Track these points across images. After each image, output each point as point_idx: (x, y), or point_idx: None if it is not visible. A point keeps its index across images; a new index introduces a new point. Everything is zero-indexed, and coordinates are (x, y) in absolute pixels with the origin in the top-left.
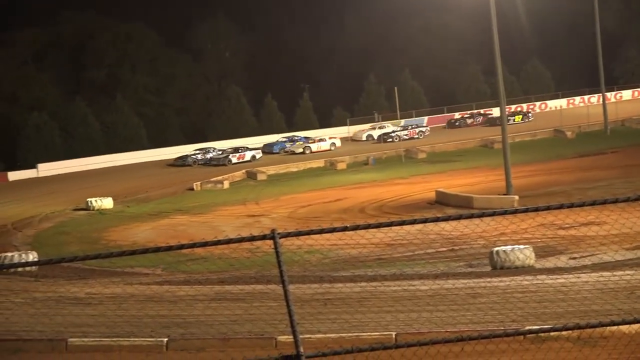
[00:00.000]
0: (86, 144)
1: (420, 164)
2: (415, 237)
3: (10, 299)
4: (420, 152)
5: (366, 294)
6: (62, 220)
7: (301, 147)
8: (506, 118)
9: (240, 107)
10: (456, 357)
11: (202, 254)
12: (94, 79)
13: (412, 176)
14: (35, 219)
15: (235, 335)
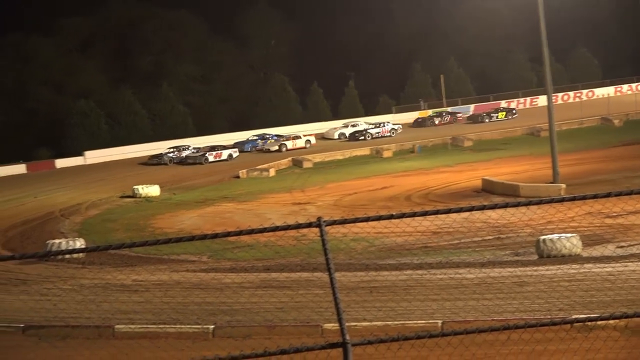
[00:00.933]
0: (132, 132)
1: (466, 152)
2: (462, 225)
3: (58, 286)
4: (467, 140)
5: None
6: (109, 208)
7: (276, 144)
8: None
9: (285, 95)
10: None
11: (248, 241)
12: (140, 67)
13: (459, 164)
14: (83, 206)
15: (281, 322)
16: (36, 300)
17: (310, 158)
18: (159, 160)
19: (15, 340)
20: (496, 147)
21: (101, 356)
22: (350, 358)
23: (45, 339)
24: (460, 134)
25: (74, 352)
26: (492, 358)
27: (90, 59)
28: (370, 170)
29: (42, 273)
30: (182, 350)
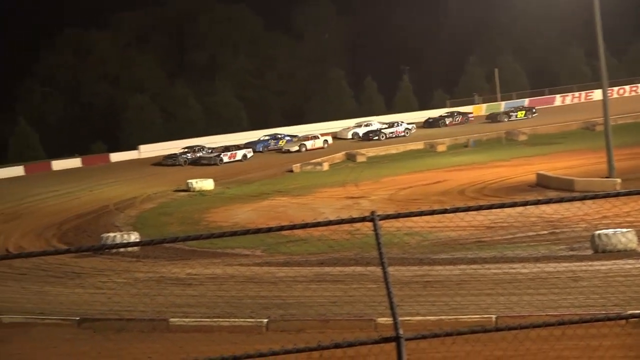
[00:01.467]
0: (187, 126)
1: (521, 146)
2: (516, 219)
3: (113, 279)
4: (521, 134)
5: (466, 276)
6: (164, 201)
7: (296, 145)
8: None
9: (340, 89)
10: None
11: (301, 235)
12: (195, 61)
13: (513, 158)
14: (137, 199)
15: (335, 316)
16: (91, 293)
17: (364, 152)
18: (173, 161)
19: (71, 333)
20: (551, 141)
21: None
22: (404, 352)
23: (99, 332)
24: (514, 127)
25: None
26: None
27: (146, 53)
28: (424, 165)
29: (97, 266)
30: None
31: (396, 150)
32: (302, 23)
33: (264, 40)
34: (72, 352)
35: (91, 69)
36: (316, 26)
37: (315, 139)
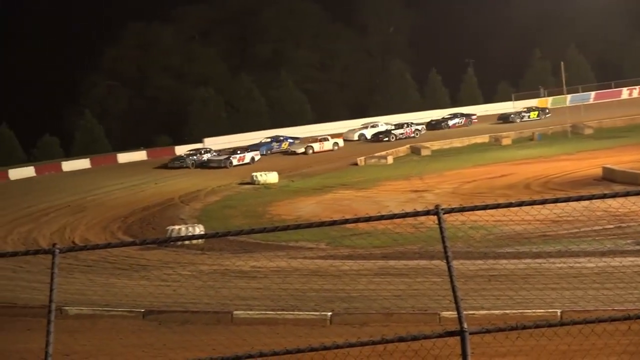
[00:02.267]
0: (251, 119)
1: (587, 139)
2: (581, 214)
3: (178, 272)
4: (587, 127)
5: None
6: (228, 194)
7: (302, 146)
8: None
9: (404, 82)
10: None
11: (365, 228)
12: (259, 55)
13: (579, 152)
14: (202, 192)
15: (399, 310)
16: (156, 285)
17: (429, 145)
18: (181, 163)
19: (136, 325)
20: (618, 134)
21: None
22: (468, 346)
23: (164, 324)
24: (579, 121)
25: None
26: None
27: (210, 46)
28: (489, 158)
29: (162, 259)
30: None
31: (460, 144)
32: (366, 15)
33: (328, 33)
34: (138, 344)
35: (155, 62)
36: (380, 19)
37: (325, 141)
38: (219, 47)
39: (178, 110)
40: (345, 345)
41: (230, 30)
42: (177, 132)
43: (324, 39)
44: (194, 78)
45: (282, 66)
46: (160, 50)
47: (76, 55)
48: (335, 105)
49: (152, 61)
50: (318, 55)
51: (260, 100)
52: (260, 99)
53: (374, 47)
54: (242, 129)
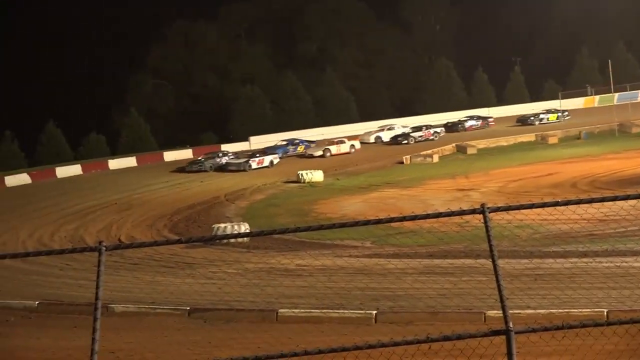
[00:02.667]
0: (296, 117)
1: (635, 138)
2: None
3: (223, 270)
4: (635, 126)
5: (577, 270)
6: (273, 193)
7: (320, 150)
8: None
9: (450, 80)
10: None
11: (411, 227)
12: (304, 53)
13: (626, 151)
14: (247, 190)
15: (444, 309)
16: (201, 283)
17: (475, 144)
18: (199, 166)
19: (182, 323)
20: None
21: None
22: (514, 346)
23: (210, 322)
24: (627, 119)
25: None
26: None
27: (255, 45)
28: (535, 157)
29: (207, 257)
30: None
31: (506, 142)
32: (411, 14)
33: (373, 32)
34: (183, 341)
35: (200, 60)
36: (426, 17)
37: (341, 144)
38: (264, 45)
39: (224, 108)
40: (391, 344)
41: (275, 28)
42: (223, 130)
43: (369, 37)
44: (239, 76)
45: (327, 64)
46: (205, 49)
47: (122, 54)
48: (380, 104)
49: (197, 60)
50: (363, 54)
51: (305, 99)
52: (305, 97)
53: (419, 45)
54: (287, 127)
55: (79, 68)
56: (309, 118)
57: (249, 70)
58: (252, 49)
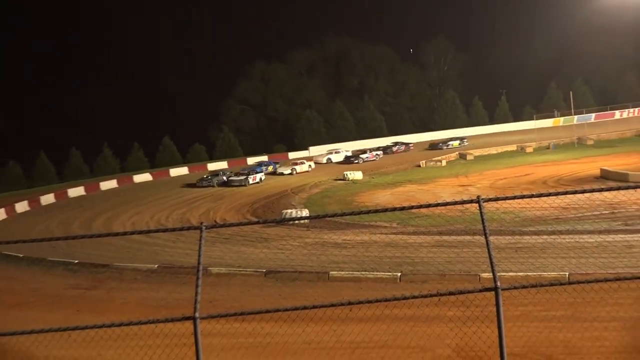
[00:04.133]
0: (342, 133)
1: (589, 148)
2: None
3: (290, 243)
4: (589, 139)
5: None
6: (326, 187)
7: (289, 168)
8: None
9: (455, 106)
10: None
11: (426, 213)
12: (348, 85)
13: (583, 157)
14: (307, 186)
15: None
16: (274, 252)
17: (472, 152)
18: (209, 183)
19: (260, 280)
20: (612, 145)
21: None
22: (500, 298)
23: (280, 281)
24: (584, 134)
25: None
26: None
27: (313, 80)
28: (516, 162)
29: (278, 233)
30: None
31: (496, 151)
32: (426, 57)
33: (398, 70)
34: (261, 294)
35: (273, 91)
36: (437, 59)
37: (302, 164)
38: (319, 80)
39: (290, 126)
40: (411, 297)
41: (328, 67)
42: (289, 142)
43: (395, 74)
44: (301, 103)
45: (365, 94)
46: (277, 82)
47: (217, 86)
48: (404, 123)
49: (271, 91)
50: (391, 86)
51: (349, 119)
52: (349, 118)
53: (433, 80)
54: (336, 140)
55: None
56: (351, 134)
57: (308, 98)
58: (311, 83)
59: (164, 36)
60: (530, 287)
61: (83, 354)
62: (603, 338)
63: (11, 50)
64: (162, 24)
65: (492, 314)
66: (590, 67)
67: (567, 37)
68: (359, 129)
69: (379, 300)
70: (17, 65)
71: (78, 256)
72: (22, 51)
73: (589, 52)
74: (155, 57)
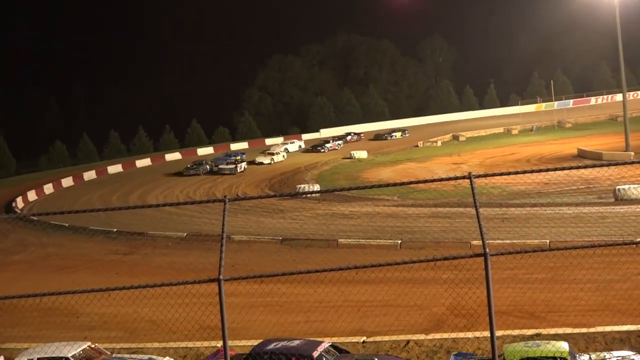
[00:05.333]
0: (349, 117)
1: (568, 130)
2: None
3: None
4: (568, 123)
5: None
6: (335, 165)
7: (268, 158)
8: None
9: (448, 94)
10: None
11: (423, 187)
12: (355, 76)
13: (562, 138)
14: (318, 164)
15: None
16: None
17: (464, 134)
18: (195, 171)
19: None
20: (588, 127)
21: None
22: (489, 263)
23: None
24: (563, 119)
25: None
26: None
27: (324, 71)
28: (503, 142)
29: (293, 206)
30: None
31: (485, 133)
32: (424, 51)
33: (399, 62)
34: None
35: (289, 80)
36: (433, 52)
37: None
38: (329, 71)
39: (303, 111)
40: (410, 262)
41: (337, 60)
42: (303, 125)
43: (396, 65)
44: (313, 91)
45: (370, 83)
46: (292, 73)
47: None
48: (403, 109)
49: (287, 80)
50: (393, 76)
51: (355, 105)
52: (356, 104)
53: (429, 71)
54: (344, 123)
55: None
56: (357, 118)
57: (319, 87)
58: (322, 73)
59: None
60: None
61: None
62: (579, 298)
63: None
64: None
65: (481, 276)
66: (569, 59)
67: (549, 32)
68: (364, 113)
69: (381, 264)
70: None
71: (116, 225)
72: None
73: (568, 46)
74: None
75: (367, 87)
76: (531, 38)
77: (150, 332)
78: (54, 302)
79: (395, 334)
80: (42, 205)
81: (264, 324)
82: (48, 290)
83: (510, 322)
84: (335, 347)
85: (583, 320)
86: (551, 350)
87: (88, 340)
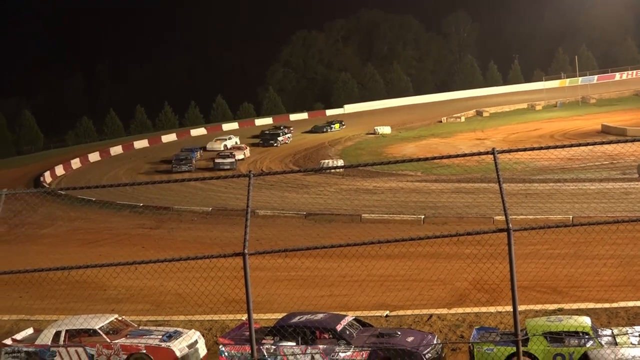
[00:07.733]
0: (373, 93)
1: (592, 106)
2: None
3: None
4: (592, 98)
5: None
6: (359, 141)
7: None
8: None
9: (473, 69)
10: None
11: (446, 163)
12: (379, 52)
13: (586, 114)
14: (342, 139)
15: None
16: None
17: (488, 109)
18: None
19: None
20: (613, 103)
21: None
22: (512, 239)
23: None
24: (587, 94)
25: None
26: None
27: (348, 47)
28: (527, 118)
29: (317, 181)
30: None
31: (509, 109)
32: (447, 26)
33: (423, 38)
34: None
35: (313, 56)
36: (457, 28)
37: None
38: (353, 46)
39: (327, 87)
40: (432, 237)
41: (361, 35)
42: (327, 101)
43: (420, 41)
44: (337, 67)
45: (394, 59)
46: (316, 49)
47: (263, 52)
48: (427, 84)
49: (311, 56)
50: (417, 52)
51: (379, 81)
52: (380, 81)
53: (453, 46)
54: (368, 99)
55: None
56: (381, 94)
57: (343, 63)
58: (346, 49)
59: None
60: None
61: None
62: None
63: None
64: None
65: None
66: (594, 34)
67: (574, 7)
68: (387, 89)
69: (404, 239)
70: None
71: (143, 200)
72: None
73: (593, 21)
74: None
75: (391, 62)
76: (556, 14)
77: (176, 304)
78: (82, 275)
79: (418, 308)
80: (69, 180)
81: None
82: (76, 263)
83: (533, 297)
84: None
85: (605, 296)
86: (573, 324)
87: (115, 312)
